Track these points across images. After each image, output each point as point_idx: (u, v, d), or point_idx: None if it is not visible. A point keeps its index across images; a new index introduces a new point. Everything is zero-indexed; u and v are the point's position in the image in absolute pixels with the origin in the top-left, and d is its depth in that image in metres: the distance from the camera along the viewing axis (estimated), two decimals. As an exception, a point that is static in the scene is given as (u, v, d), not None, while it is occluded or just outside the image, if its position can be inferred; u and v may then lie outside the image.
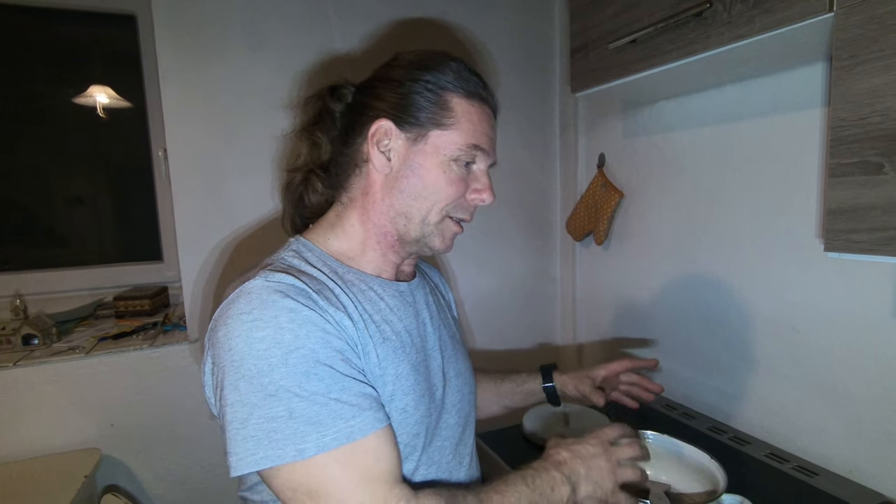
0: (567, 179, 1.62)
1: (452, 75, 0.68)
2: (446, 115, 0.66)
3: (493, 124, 0.72)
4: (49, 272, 1.49)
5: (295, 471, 0.52)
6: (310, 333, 0.55)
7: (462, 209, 0.71)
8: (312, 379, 0.54)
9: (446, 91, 0.67)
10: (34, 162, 1.52)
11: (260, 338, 0.54)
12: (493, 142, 0.72)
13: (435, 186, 0.67)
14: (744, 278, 1.10)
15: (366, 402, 0.56)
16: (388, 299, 0.68)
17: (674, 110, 1.23)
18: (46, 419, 1.18)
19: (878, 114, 0.60)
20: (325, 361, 0.55)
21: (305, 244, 0.69)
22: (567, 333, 1.67)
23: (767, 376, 1.06)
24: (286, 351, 0.54)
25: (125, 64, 1.52)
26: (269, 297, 0.56)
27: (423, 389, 0.67)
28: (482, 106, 0.70)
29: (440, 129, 0.66)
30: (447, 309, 0.86)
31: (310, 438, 0.52)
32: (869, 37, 0.60)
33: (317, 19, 1.33)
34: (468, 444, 0.77)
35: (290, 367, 0.53)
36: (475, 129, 0.68)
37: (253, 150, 1.30)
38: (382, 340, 0.64)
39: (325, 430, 0.53)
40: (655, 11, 0.88)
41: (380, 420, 0.57)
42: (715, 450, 0.79)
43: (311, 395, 0.53)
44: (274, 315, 0.55)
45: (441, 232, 0.70)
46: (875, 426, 0.89)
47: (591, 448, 0.68)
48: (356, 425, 0.54)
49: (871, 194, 0.61)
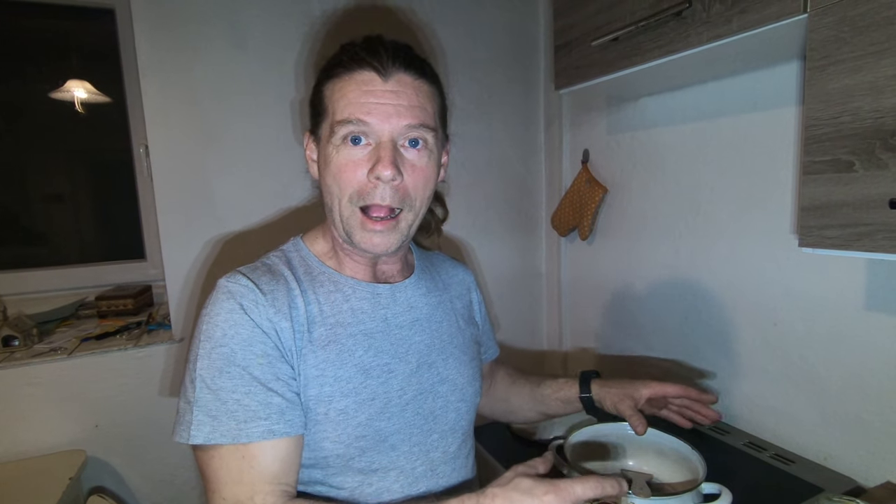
0: (552, 175, 1.63)
1: (332, 63, 0.67)
2: (324, 104, 0.67)
3: (380, 87, 0.62)
4: (29, 272, 1.46)
5: (195, 451, 0.61)
6: (235, 335, 0.61)
7: (367, 195, 0.64)
8: (224, 376, 0.59)
9: (322, 83, 0.68)
10: (11, 158, 1.48)
11: (203, 330, 0.62)
12: (382, 106, 0.62)
13: (331, 177, 0.65)
14: (724, 272, 1.12)
15: (265, 410, 0.59)
16: (354, 301, 0.69)
17: (656, 107, 1.25)
18: (29, 421, 1.16)
19: (849, 113, 0.61)
20: (240, 363, 0.60)
21: (297, 244, 0.74)
22: (553, 327, 1.69)
23: (747, 368, 1.09)
24: (212, 346, 0.60)
25: (103, 58, 1.49)
26: (220, 296, 0.63)
27: (374, 393, 0.66)
28: (353, 75, 0.63)
29: (323, 119, 0.67)
30: (455, 312, 0.82)
31: (204, 428, 0.58)
32: (841, 38, 0.61)
33: (299, 11, 1.32)
34: (448, 450, 0.73)
35: (210, 361, 0.60)
36: (341, 104, 0.63)
37: (237, 147, 1.29)
38: (327, 343, 0.65)
39: (217, 424, 0.58)
40: (636, 10, 0.89)
41: (272, 432, 0.59)
42: (695, 440, 0.81)
43: (217, 390, 0.59)
44: (216, 313, 0.62)
45: (355, 227, 0.65)
46: (848, 415, 0.92)
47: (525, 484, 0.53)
48: (244, 430, 0.58)
49: (843, 191, 0.63)
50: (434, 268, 0.85)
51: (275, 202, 1.34)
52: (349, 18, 1.37)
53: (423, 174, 0.66)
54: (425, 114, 0.65)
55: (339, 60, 0.66)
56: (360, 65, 0.63)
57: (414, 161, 0.65)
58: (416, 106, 0.64)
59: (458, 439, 0.75)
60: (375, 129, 0.63)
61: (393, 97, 0.63)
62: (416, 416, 0.70)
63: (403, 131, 0.64)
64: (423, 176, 0.66)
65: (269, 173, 1.32)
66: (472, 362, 0.80)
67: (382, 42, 0.65)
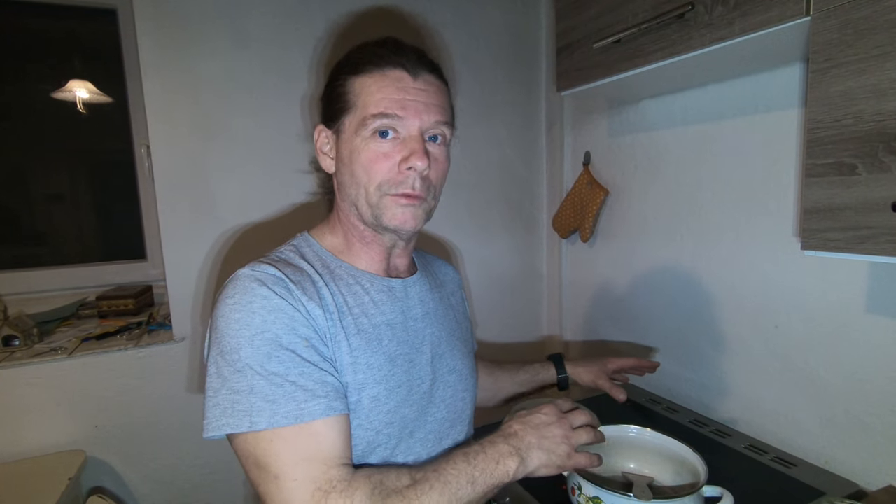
0: (553, 177, 1.63)
1: (357, 59, 0.69)
2: (351, 98, 0.68)
3: (411, 85, 0.67)
4: (29, 271, 1.46)
5: (248, 441, 0.58)
6: (276, 319, 0.61)
7: (398, 184, 0.67)
8: (273, 361, 0.59)
9: (345, 76, 0.69)
10: (12, 158, 1.49)
11: (236, 319, 0.60)
12: (414, 103, 0.67)
13: (361, 169, 0.68)
14: (725, 275, 1.12)
15: (322, 389, 0.60)
16: (374, 294, 0.72)
17: (658, 109, 1.25)
18: (29, 421, 1.16)
19: (852, 116, 0.61)
20: (287, 346, 0.60)
21: (306, 239, 0.75)
22: (553, 328, 1.69)
23: (748, 371, 1.09)
24: (253, 333, 0.60)
25: (105, 58, 1.49)
26: (249, 284, 0.62)
27: (400, 381, 0.69)
28: (386, 72, 0.67)
29: (349, 113, 0.69)
30: (453, 308, 0.87)
31: (263, 414, 0.57)
32: (844, 41, 0.61)
33: (301, 12, 1.32)
34: (458, 439, 0.78)
35: (255, 348, 0.59)
36: (376, 98, 0.66)
37: (238, 147, 1.29)
38: (357, 331, 0.67)
39: (277, 408, 0.57)
40: (639, 12, 0.89)
41: (332, 409, 0.60)
42: (697, 443, 0.81)
43: (270, 375, 0.58)
44: (249, 301, 0.61)
45: (386, 210, 0.68)
46: (850, 418, 0.92)
47: (543, 417, 0.70)
48: (307, 409, 0.58)
49: (846, 194, 0.63)
50: (430, 266, 0.89)
51: (276, 202, 1.34)
52: (353, 21, 1.37)
53: (443, 167, 0.72)
54: (445, 111, 0.70)
55: (367, 58, 0.68)
56: (391, 63, 0.67)
57: (436, 154, 0.70)
58: (439, 104, 0.69)
59: (466, 428, 0.80)
60: (407, 124, 0.67)
61: (423, 95, 0.67)
62: (430, 405, 0.73)
63: (431, 126, 0.68)
64: (443, 168, 0.72)
65: (270, 173, 1.33)
66: (471, 354, 0.86)
67: (406, 45, 0.69)
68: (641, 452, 0.86)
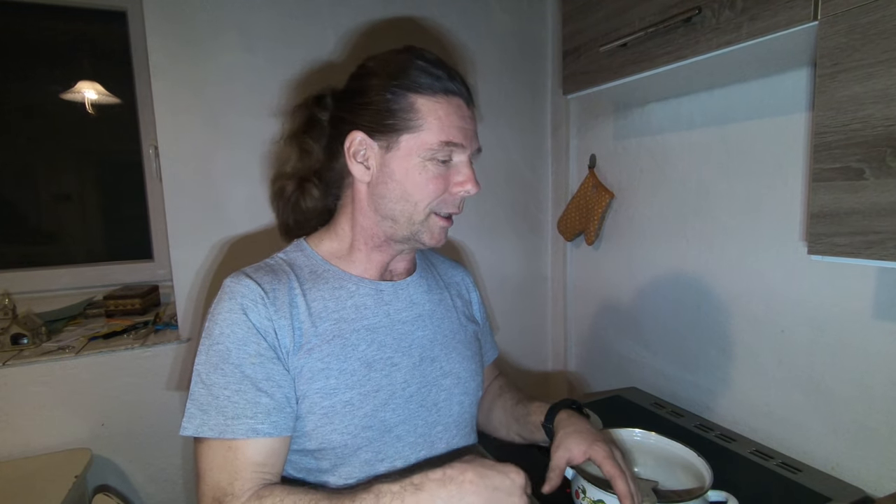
0: (558, 180, 1.64)
1: (415, 75, 0.68)
2: (413, 117, 0.67)
3: (467, 113, 0.71)
4: (37, 271, 1.47)
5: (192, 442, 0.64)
6: (232, 333, 0.64)
7: (447, 204, 0.71)
8: (218, 372, 0.63)
9: (410, 93, 0.67)
10: (21, 158, 1.50)
11: (206, 327, 0.66)
12: (469, 131, 0.70)
13: (415, 188, 0.69)
14: (731, 279, 1.12)
15: (252, 410, 0.62)
16: (358, 298, 0.73)
17: (664, 112, 1.25)
18: (36, 419, 1.17)
19: (859, 121, 0.61)
20: (233, 361, 0.63)
21: (300, 245, 0.76)
22: (558, 332, 1.69)
23: (754, 375, 1.09)
24: (210, 343, 0.64)
25: (114, 60, 1.51)
26: (224, 296, 0.67)
27: (378, 385, 0.69)
28: (450, 99, 0.69)
29: (409, 132, 0.68)
30: (456, 310, 0.85)
31: (194, 421, 0.62)
32: (851, 46, 0.61)
33: (310, 15, 1.33)
34: (451, 443, 0.76)
35: (208, 357, 0.64)
36: (443, 125, 0.67)
37: (246, 149, 1.30)
38: (332, 337, 0.68)
39: (207, 418, 0.61)
40: (646, 16, 0.89)
41: (255, 431, 0.61)
42: (702, 447, 0.81)
43: (210, 386, 0.62)
44: (218, 311, 0.66)
45: (429, 228, 0.72)
46: (856, 424, 0.92)
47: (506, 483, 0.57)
48: (231, 426, 0.61)
49: (853, 199, 0.63)
50: (434, 268, 0.88)
51: (282, 204, 1.34)
52: (362, 25, 1.38)
53: None
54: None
55: (427, 79, 0.67)
56: (453, 91, 0.69)
57: None
58: (476, 131, 0.73)
59: (462, 432, 0.78)
60: (463, 151, 0.70)
61: (473, 124, 0.72)
62: (420, 408, 0.72)
63: (475, 154, 0.73)
64: None
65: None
66: (475, 357, 0.82)
67: (451, 68, 0.71)
68: (646, 456, 0.86)
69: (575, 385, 1.65)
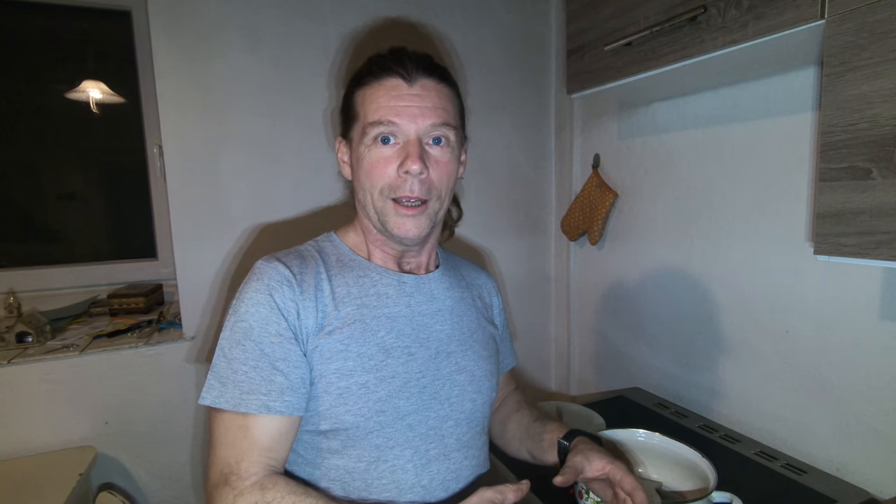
0: (562, 179, 1.63)
1: (362, 73, 0.73)
2: (354, 108, 0.74)
3: (405, 91, 0.69)
4: (42, 269, 1.48)
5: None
6: (256, 312, 0.67)
7: (398, 188, 0.70)
8: (238, 348, 0.66)
9: (352, 89, 0.75)
10: (26, 157, 1.51)
11: (233, 304, 0.69)
12: (408, 108, 0.69)
13: (365, 175, 0.72)
14: (736, 279, 1.11)
15: (266, 387, 0.64)
16: (381, 287, 0.75)
17: (668, 112, 1.24)
18: (41, 417, 1.17)
19: (867, 120, 0.61)
20: (254, 338, 0.66)
21: (329, 236, 0.81)
22: (561, 332, 1.69)
23: (758, 376, 1.08)
24: (235, 320, 0.67)
25: (119, 59, 1.51)
26: (253, 276, 0.70)
27: (395, 372, 0.70)
28: (381, 81, 0.70)
29: (354, 124, 0.74)
30: (477, 310, 0.85)
31: (212, 392, 0.65)
32: (859, 44, 0.61)
33: (315, 14, 1.33)
34: (462, 438, 0.76)
35: (232, 332, 0.67)
36: (374, 106, 0.70)
37: (250, 148, 1.30)
38: (354, 321, 0.71)
39: (224, 390, 0.64)
40: (651, 15, 0.89)
41: (267, 407, 0.64)
42: (706, 448, 0.81)
43: (231, 360, 0.65)
44: (246, 290, 0.69)
45: (389, 216, 0.72)
46: (861, 425, 0.91)
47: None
48: (245, 400, 0.63)
49: (860, 199, 0.62)
50: (458, 269, 0.89)
51: (288, 203, 1.35)
52: (366, 22, 1.38)
53: (446, 168, 0.73)
54: (447, 113, 0.72)
55: (368, 70, 0.72)
56: (387, 73, 0.70)
57: (438, 157, 0.72)
58: (439, 107, 0.71)
59: (474, 429, 0.78)
60: (403, 129, 0.69)
61: (418, 100, 0.70)
62: (432, 400, 0.73)
63: (428, 130, 0.70)
64: (447, 170, 0.73)
65: (281, 174, 1.33)
66: (491, 358, 0.83)
67: (406, 52, 0.72)
68: (650, 457, 0.86)
69: (578, 384, 1.65)
